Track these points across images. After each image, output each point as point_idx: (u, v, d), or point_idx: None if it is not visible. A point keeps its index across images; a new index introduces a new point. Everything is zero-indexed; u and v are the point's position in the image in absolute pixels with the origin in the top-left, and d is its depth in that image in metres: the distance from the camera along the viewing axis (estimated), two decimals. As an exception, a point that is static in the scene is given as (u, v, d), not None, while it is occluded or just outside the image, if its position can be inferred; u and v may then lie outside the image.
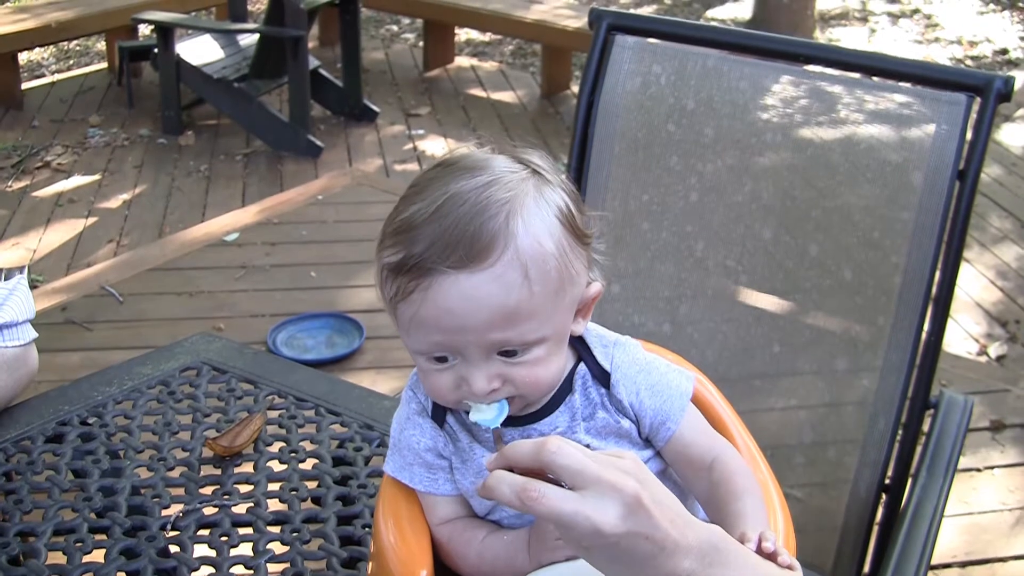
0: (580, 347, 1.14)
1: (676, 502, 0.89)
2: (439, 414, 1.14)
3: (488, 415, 1.05)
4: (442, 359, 1.05)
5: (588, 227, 1.08)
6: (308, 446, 1.64)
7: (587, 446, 1.08)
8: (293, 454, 1.62)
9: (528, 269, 1.00)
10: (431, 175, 1.05)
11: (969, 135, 1.72)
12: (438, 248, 0.98)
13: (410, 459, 1.14)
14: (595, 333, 1.15)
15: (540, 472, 0.88)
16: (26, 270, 1.84)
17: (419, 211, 1.01)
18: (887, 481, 1.79)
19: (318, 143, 6.09)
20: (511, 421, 1.11)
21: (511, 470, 0.89)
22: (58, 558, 1.40)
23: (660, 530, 0.85)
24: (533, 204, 1.02)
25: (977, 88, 1.71)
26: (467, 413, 1.09)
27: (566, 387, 1.12)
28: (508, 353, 1.03)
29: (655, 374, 1.14)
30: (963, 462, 1.75)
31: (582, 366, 1.13)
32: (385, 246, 1.04)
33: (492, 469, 0.90)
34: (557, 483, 0.87)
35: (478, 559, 1.11)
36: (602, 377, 1.13)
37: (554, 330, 1.05)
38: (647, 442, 1.15)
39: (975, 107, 1.72)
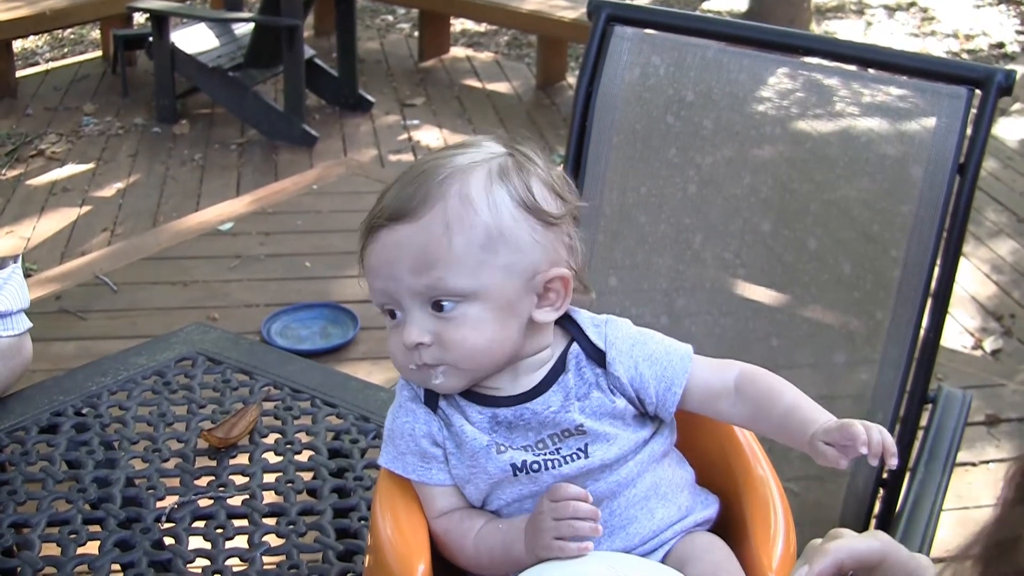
0: (572, 328, 1.14)
1: None
2: (432, 399, 1.14)
3: None
4: (392, 314, 1.11)
5: (563, 212, 1.10)
6: (304, 438, 1.63)
7: (580, 426, 1.08)
8: (289, 446, 1.61)
9: (450, 223, 1.06)
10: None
11: (969, 129, 1.72)
12: (386, 208, 1.09)
13: (402, 448, 1.14)
14: (585, 315, 1.16)
15: None
16: (20, 259, 1.83)
17: (394, 180, 1.12)
18: (885, 476, 1.79)
19: (313, 133, 6.07)
20: (504, 401, 1.10)
21: None
22: (52, 550, 1.39)
23: None
24: (483, 177, 1.08)
25: (978, 81, 1.71)
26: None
27: (559, 366, 1.12)
28: (438, 307, 1.08)
29: (651, 344, 1.14)
30: (958, 456, 1.74)
31: (575, 346, 1.13)
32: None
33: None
34: None
35: (475, 550, 1.10)
36: (597, 356, 1.12)
37: (482, 289, 1.07)
38: (653, 419, 1.14)
39: (975, 101, 1.71)
